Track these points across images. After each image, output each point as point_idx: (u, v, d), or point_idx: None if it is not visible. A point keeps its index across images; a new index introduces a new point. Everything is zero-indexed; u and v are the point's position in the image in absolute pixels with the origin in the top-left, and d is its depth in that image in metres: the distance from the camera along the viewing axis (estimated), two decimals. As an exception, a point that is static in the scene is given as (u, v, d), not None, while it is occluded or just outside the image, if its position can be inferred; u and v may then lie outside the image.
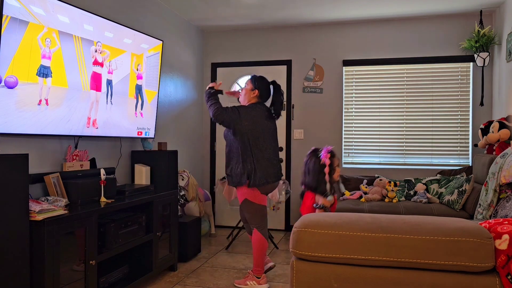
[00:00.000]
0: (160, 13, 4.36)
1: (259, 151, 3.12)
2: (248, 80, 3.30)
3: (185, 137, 4.99)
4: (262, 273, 3.22)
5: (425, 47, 4.86)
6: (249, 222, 3.25)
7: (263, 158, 3.14)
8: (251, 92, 3.24)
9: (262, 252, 3.20)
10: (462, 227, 1.61)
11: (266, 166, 3.14)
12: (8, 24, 2.38)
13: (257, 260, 3.20)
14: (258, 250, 3.19)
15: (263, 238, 3.20)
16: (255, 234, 3.21)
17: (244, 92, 3.27)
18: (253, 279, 3.19)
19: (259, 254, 3.19)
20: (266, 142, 3.18)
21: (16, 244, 2.10)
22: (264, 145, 3.16)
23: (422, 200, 4.19)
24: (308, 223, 1.73)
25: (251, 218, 3.21)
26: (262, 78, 3.28)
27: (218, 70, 5.50)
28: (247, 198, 3.16)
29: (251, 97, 3.24)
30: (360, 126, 5.08)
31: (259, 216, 3.20)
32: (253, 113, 3.14)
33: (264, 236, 3.22)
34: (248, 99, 3.25)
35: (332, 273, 1.67)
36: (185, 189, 4.27)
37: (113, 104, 3.30)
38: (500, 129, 3.85)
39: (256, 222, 3.21)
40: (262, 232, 3.21)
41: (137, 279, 3.06)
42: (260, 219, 3.21)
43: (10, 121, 2.45)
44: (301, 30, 5.23)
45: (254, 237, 3.22)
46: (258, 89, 3.23)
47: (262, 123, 3.17)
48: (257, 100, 3.25)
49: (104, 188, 2.93)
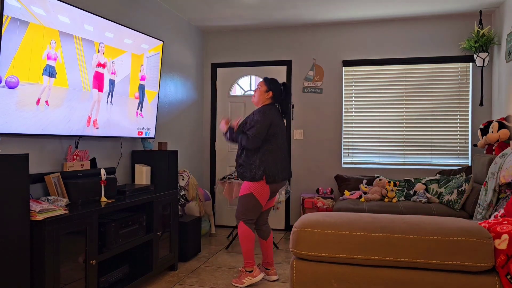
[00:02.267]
0: (160, 13, 4.37)
1: (279, 149, 3.27)
2: (261, 81, 3.41)
3: (185, 137, 4.99)
4: (253, 265, 3.27)
5: (425, 47, 4.86)
6: (239, 214, 3.27)
7: (280, 155, 3.26)
8: (265, 94, 3.36)
9: (249, 245, 3.24)
10: (462, 227, 1.62)
11: (281, 163, 3.27)
12: (9, 24, 2.38)
13: (245, 253, 3.25)
14: (246, 242, 3.24)
15: (248, 230, 3.24)
16: (242, 226, 3.25)
17: (259, 94, 3.38)
18: (247, 275, 3.25)
19: (247, 246, 3.24)
20: (282, 140, 3.33)
21: (16, 244, 2.10)
22: (281, 143, 3.31)
23: (421, 200, 4.19)
24: (308, 223, 1.74)
25: (244, 211, 3.24)
26: (275, 80, 3.41)
27: (218, 70, 5.51)
28: (253, 193, 3.20)
29: (265, 98, 3.36)
30: (359, 126, 5.09)
31: (253, 213, 3.25)
32: (272, 113, 3.27)
33: (251, 229, 3.26)
34: (263, 100, 3.36)
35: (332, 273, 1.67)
36: (185, 189, 4.28)
37: (113, 104, 3.31)
38: (500, 129, 3.85)
39: (247, 216, 3.25)
40: (249, 225, 3.26)
41: (138, 279, 3.06)
42: (251, 215, 3.25)
43: (11, 121, 2.45)
44: (301, 31, 5.24)
45: (240, 230, 3.26)
46: (272, 90, 3.35)
47: (279, 122, 3.31)
48: (271, 101, 3.37)
49: (105, 188, 2.93)
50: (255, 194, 3.20)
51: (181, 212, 4.21)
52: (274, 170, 3.20)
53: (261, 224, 3.44)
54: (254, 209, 3.23)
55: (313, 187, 5.17)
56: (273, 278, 3.38)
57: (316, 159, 5.17)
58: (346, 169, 5.08)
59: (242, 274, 3.27)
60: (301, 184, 5.22)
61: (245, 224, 3.24)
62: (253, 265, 3.26)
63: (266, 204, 3.40)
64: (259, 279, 3.26)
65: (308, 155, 5.20)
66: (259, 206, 3.24)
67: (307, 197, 4.81)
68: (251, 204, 3.22)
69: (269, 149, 3.21)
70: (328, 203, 4.69)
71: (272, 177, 3.18)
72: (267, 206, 3.43)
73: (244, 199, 3.24)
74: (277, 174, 3.21)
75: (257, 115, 3.22)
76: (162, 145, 3.92)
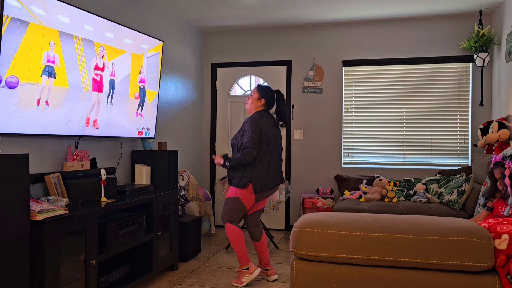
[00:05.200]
0: (160, 13, 4.37)
1: (269, 155, 3.28)
2: (254, 89, 3.45)
3: (185, 137, 4.99)
4: (247, 262, 3.29)
5: (425, 47, 4.87)
6: (224, 215, 3.30)
7: (271, 163, 3.28)
8: (258, 101, 3.40)
9: (240, 243, 3.27)
10: (462, 227, 1.62)
11: (272, 172, 3.28)
12: (9, 24, 2.38)
13: (238, 251, 3.28)
14: (236, 241, 3.26)
15: (235, 228, 3.27)
16: (229, 227, 3.28)
17: (251, 101, 3.42)
18: (244, 273, 3.27)
19: (238, 245, 3.26)
20: (275, 147, 3.35)
21: (16, 244, 2.10)
22: (272, 149, 3.31)
23: (421, 200, 4.20)
24: (308, 223, 1.74)
25: (230, 213, 3.28)
26: (267, 88, 3.44)
27: (218, 71, 5.51)
28: (240, 197, 3.24)
29: (258, 105, 3.40)
30: (359, 126, 5.09)
31: (237, 214, 3.29)
32: (264, 121, 3.29)
33: (237, 227, 3.29)
34: (255, 107, 3.40)
35: (332, 273, 1.67)
36: (185, 189, 4.28)
37: (113, 104, 3.31)
38: (500, 129, 3.85)
39: (231, 217, 3.28)
40: (235, 224, 3.29)
41: (138, 279, 3.06)
42: (236, 216, 3.29)
43: (11, 121, 2.45)
44: (301, 31, 5.24)
45: (228, 230, 3.29)
46: (264, 98, 3.38)
47: (272, 130, 3.32)
48: (263, 108, 3.40)
49: (105, 188, 2.93)
50: (241, 199, 3.24)
51: (181, 212, 4.21)
52: (262, 179, 3.21)
53: (252, 226, 3.45)
54: (239, 212, 3.28)
55: (313, 187, 5.17)
56: (273, 278, 3.38)
57: (316, 159, 5.17)
58: (346, 169, 5.08)
59: (240, 274, 3.30)
60: (301, 184, 5.22)
61: (230, 223, 3.29)
62: (248, 262, 3.29)
63: (253, 207, 3.41)
64: (257, 274, 3.28)
65: (308, 155, 5.20)
66: (244, 209, 3.29)
67: (307, 197, 4.81)
68: (236, 207, 3.26)
69: (259, 157, 3.23)
70: (328, 203, 4.69)
71: (259, 187, 3.21)
72: (256, 208, 3.43)
73: (230, 202, 3.28)
74: (265, 184, 3.23)
75: (247, 125, 3.24)
76: (162, 145, 3.92)
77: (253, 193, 3.23)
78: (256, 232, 3.43)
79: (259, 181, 3.20)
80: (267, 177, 3.23)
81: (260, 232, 3.44)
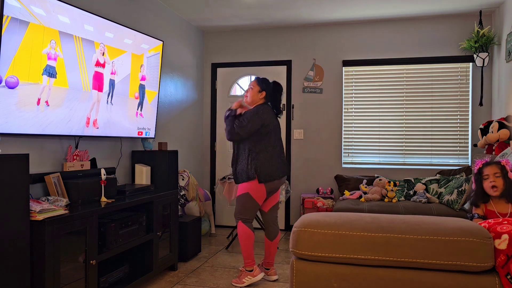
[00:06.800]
0: (160, 13, 4.37)
1: (272, 148, 3.27)
2: (253, 81, 3.39)
3: (185, 137, 4.99)
4: (253, 264, 3.27)
5: (425, 47, 4.86)
6: (237, 214, 3.29)
7: (274, 154, 3.27)
8: (258, 94, 3.35)
9: (249, 244, 3.25)
10: (462, 227, 1.62)
11: (276, 162, 3.26)
12: (9, 24, 2.38)
13: (245, 252, 3.25)
14: (245, 242, 3.24)
15: (248, 230, 3.25)
16: (241, 226, 3.26)
17: (252, 94, 3.36)
18: (247, 274, 3.25)
19: (246, 246, 3.24)
20: (276, 139, 3.34)
21: (16, 244, 2.10)
22: (275, 142, 3.31)
23: (421, 200, 4.20)
24: (308, 223, 1.74)
25: (242, 210, 3.25)
26: (266, 80, 3.40)
27: (218, 71, 5.51)
28: (250, 192, 3.21)
29: (259, 98, 3.36)
30: (359, 126, 5.09)
31: (250, 212, 3.26)
32: (266, 115, 3.26)
33: (249, 228, 3.26)
34: (256, 100, 3.36)
35: (332, 273, 1.67)
36: (185, 189, 4.28)
37: (113, 104, 3.31)
38: (500, 129, 3.85)
39: (245, 215, 3.26)
40: (247, 225, 3.26)
41: (138, 279, 3.06)
42: (250, 214, 3.26)
43: (11, 121, 2.45)
44: (301, 31, 5.24)
45: (239, 229, 3.27)
46: (265, 90, 3.35)
47: (273, 121, 3.31)
48: (264, 100, 3.36)
49: (105, 188, 2.93)
50: (251, 193, 3.21)
51: (181, 212, 4.21)
52: (267, 169, 3.19)
53: (269, 225, 3.43)
54: (251, 209, 3.24)
55: (313, 187, 5.17)
56: (273, 278, 3.38)
57: (316, 159, 5.17)
58: (346, 169, 5.08)
59: (242, 273, 3.27)
60: (301, 184, 5.22)
61: (243, 223, 3.25)
62: (253, 265, 3.27)
63: (267, 203, 3.39)
64: (259, 278, 3.26)
65: (308, 155, 5.20)
66: (256, 205, 3.25)
67: (307, 197, 4.81)
68: (248, 204, 3.23)
69: (262, 149, 3.21)
70: (328, 203, 4.69)
71: (264, 176, 3.18)
72: (269, 204, 3.41)
73: (241, 199, 3.26)
74: (270, 173, 3.20)
75: (250, 114, 3.21)
76: (162, 145, 3.92)
77: (259, 183, 3.19)
78: (272, 231, 3.42)
79: (263, 170, 3.18)
80: (271, 168, 3.21)
81: (276, 231, 3.43)
